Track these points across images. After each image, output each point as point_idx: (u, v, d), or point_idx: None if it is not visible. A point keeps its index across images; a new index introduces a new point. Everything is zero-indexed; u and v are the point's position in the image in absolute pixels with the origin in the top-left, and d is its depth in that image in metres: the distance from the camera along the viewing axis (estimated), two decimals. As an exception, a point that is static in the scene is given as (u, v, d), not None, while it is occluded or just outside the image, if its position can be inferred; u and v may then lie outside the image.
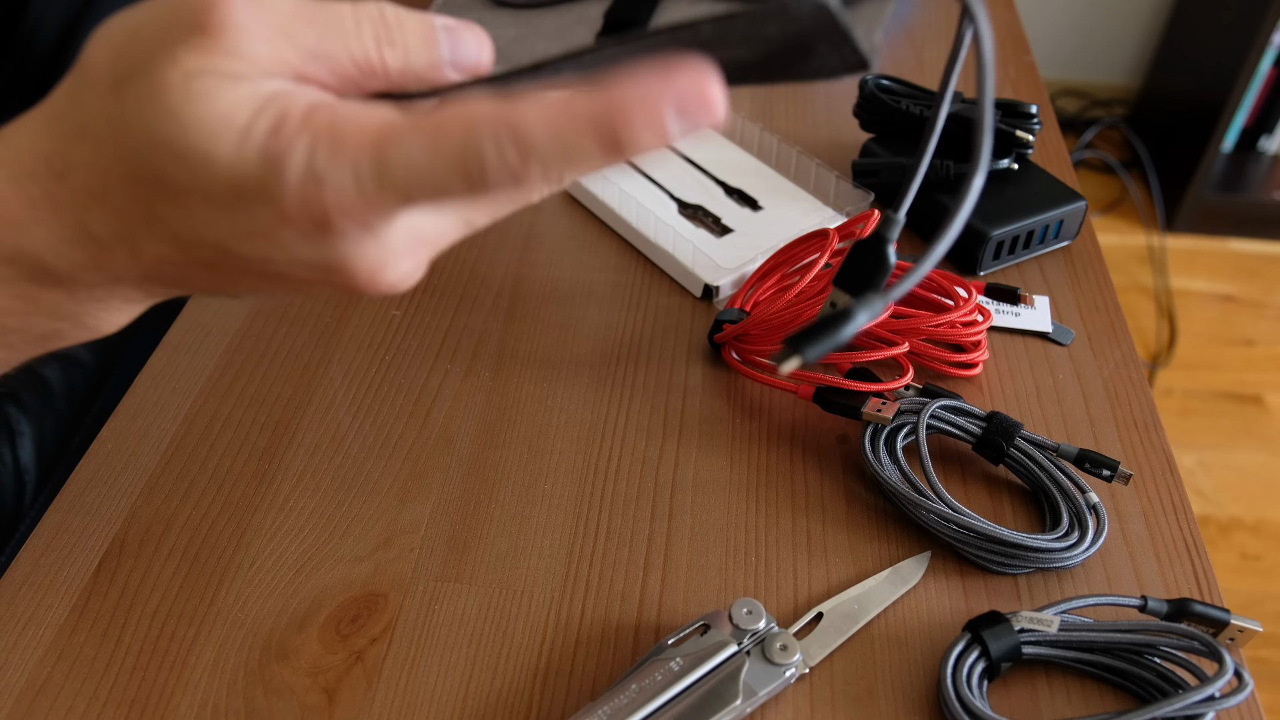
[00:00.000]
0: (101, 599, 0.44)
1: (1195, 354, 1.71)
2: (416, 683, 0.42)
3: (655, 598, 0.45)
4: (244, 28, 0.26)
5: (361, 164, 0.26)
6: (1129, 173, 2.02)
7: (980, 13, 0.28)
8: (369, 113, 0.26)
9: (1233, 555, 1.41)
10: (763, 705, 0.40)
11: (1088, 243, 0.63)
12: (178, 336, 0.57)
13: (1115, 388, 0.54)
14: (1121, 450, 0.51)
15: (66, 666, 0.42)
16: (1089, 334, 0.57)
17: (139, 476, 0.49)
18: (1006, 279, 0.61)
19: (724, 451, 0.51)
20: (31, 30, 0.68)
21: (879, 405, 0.48)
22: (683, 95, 0.24)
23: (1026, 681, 0.42)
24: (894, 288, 0.30)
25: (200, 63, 0.26)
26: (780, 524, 0.48)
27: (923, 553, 0.46)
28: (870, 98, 0.66)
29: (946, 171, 0.61)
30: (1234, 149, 1.96)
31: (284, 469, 0.50)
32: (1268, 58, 1.80)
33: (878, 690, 0.42)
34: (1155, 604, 0.42)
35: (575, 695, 0.41)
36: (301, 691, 0.41)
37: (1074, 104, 2.15)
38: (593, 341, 0.57)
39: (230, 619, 0.44)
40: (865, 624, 0.43)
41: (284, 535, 0.47)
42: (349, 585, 0.45)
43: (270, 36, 0.26)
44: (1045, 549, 0.44)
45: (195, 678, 0.42)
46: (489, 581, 0.45)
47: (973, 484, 0.49)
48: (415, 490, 0.49)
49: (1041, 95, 0.77)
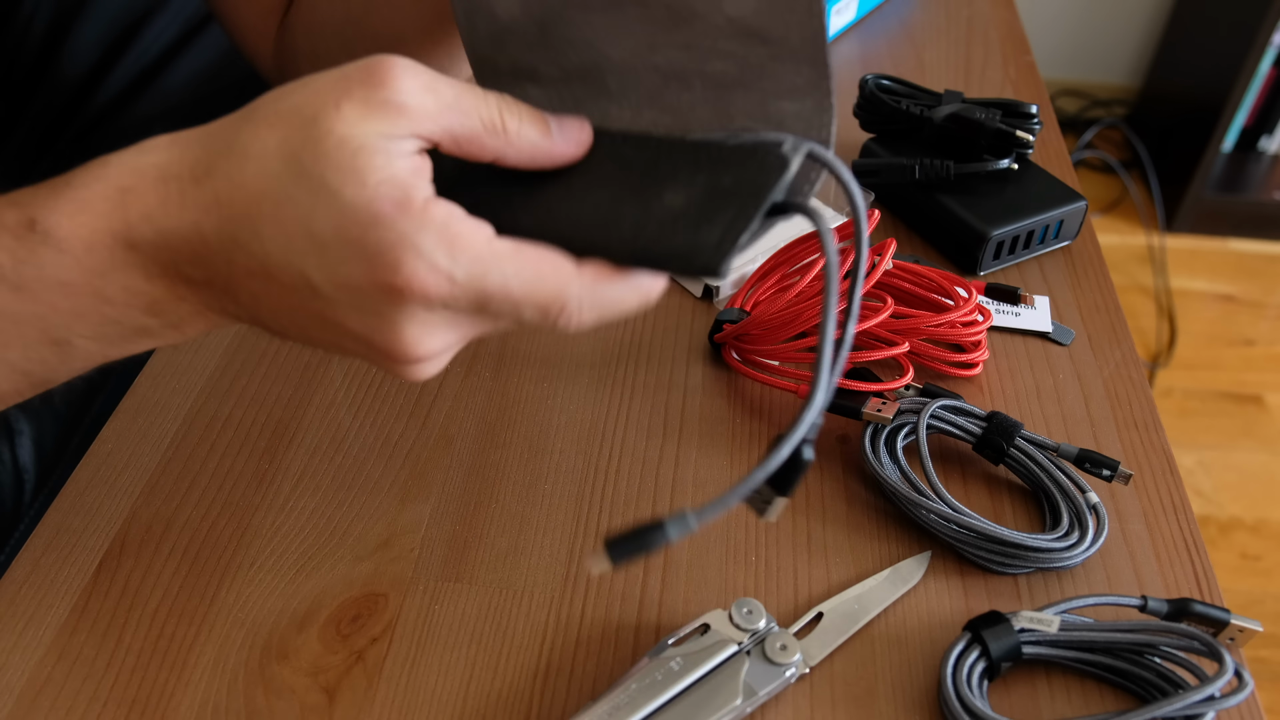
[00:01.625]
0: (102, 599, 0.44)
1: (1195, 354, 1.71)
2: (417, 682, 0.42)
3: (655, 597, 0.45)
4: (403, 80, 0.31)
5: (465, 263, 0.31)
6: (1129, 173, 2.02)
7: (824, 221, 0.33)
8: (478, 225, 0.32)
9: (1233, 555, 1.41)
10: (763, 705, 0.40)
11: (1088, 243, 0.63)
12: (178, 336, 0.57)
13: (1115, 388, 0.54)
14: (1121, 450, 0.51)
15: (67, 666, 0.42)
16: (1089, 334, 0.57)
17: (139, 476, 0.49)
18: (1007, 279, 0.61)
19: (724, 451, 0.51)
20: (25, 23, 0.68)
21: (879, 405, 0.48)
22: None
23: (1027, 681, 0.42)
24: (706, 510, 0.32)
25: (360, 118, 0.30)
26: (780, 524, 0.48)
27: (923, 553, 0.46)
28: (870, 98, 0.66)
29: (947, 172, 0.61)
30: (1234, 149, 1.96)
31: (284, 469, 0.50)
32: (1268, 58, 1.80)
33: (878, 690, 0.42)
34: (1155, 604, 0.42)
35: (575, 695, 0.41)
36: (302, 691, 0.41)
37: (1074, 104, 2.15)
38: (593, 341, 0.57)
39: (231, 619, 0.44)
40: (865, 624, 0.43)
41: (284, 535, 0.47)
42: (349, 585, 0.45)
43: (422, 90, 0.31)
44: (1045, 549, 0.44)
45: (196, 677, 0.42)
46: (489, 581, 0.45)
47: (973, 484, 0.49)
48: (415, 490, 0.49)
49: (1041, 95, 0.77)
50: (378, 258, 0.30)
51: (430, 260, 0.30)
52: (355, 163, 0.30)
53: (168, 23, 0.73)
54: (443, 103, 0.32)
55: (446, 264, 0.30)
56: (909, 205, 0.64)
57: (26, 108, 0.69)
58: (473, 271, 0.31)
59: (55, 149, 0.70)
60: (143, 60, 0.73)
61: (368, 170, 0.30)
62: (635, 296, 0.33)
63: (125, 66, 0.72)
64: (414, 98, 0.31)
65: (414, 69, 0.32)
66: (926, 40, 0.84)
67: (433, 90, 0.32)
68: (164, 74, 0.73)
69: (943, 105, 0.64)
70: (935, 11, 0.88)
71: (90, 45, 0.71)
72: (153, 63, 0.73)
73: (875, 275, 0.51)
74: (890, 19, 0.87)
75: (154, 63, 0.73)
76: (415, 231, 0.30)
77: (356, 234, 0.30)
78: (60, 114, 0.70)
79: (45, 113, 0.70)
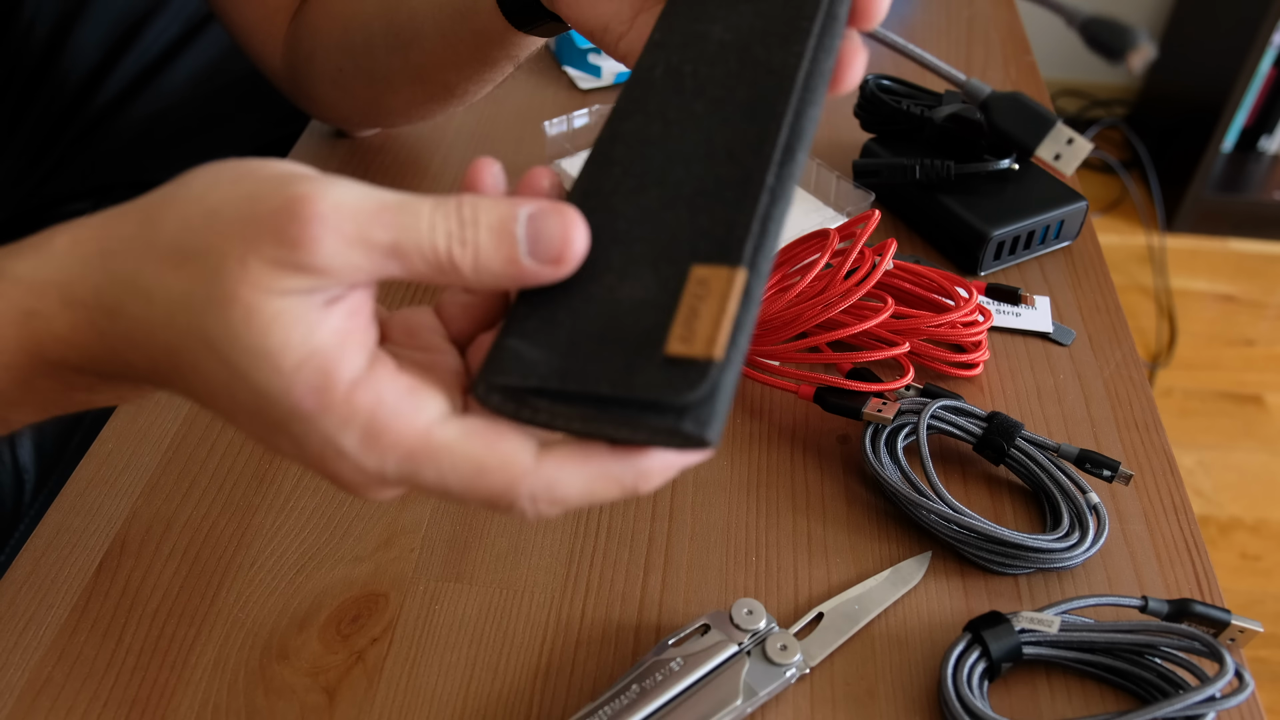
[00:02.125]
0: (102, 599, 0.44)
1: (1195, 354, 1.70)
2: (417, 682, 0.42)
3: (656, 598, 0.45)
4: (321, 241, 0.26)
5: (395, 461, 0.27)
6: (1129, 173, 2.02)
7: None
8: (414, 412, 0.27)
9: (1233, 555, 1.41)
10: (763, 705, 0.40)
11: (1088, 243, 0.63)
12: (178, 336, 0.57)
13: (1116, 388, 0.54)
14: (1122, 450, 0.51)
15: (67, 666, 0.42)
16: (1090, 334, 0.57)
17: (139, 476, 0.49)
18: (1007, 279, 0.61)
19: (724, 452, 0.51)
20: (27, 24, 0.68)
21: (880, 405, 0.48)
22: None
23: (1027, 682, 0.42)
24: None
25: (269, 280, 0.26)
26: (781, 524, 0.48)
27: (923, 553, 0.46)
28: (871, 98, 0.66)
29: (947, 172, 0.61)
30: (1234, 149, 1.96)
31: (284, 469, 0.50)
32: (1268, 58, 1.80)
33: (878, 690, 0.42)
34: (1156, 604, 0.42)
35: (576, 695, 0.41)
36: (302, 691, 0.41)
37: (1074, 104, 2.15)
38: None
39: (231, 619, 0.44)
40: (866, 624, 0.43)
41: (285, 535, 0.47)
42: (350, 585, 0.45)
43: (346, 247, 0.26)
44: (1046, 549, 0.44)
45: (196, 678, 0.42)
46: (489, 581, 0.45)
47: (973, 484, 0.49)
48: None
49: (1042, 95, 0.77)
50: (304, 447, 0.27)
51: (355, 463, 0.27)
52: (267, 344, 0.26)
53: (168, 22, 0.73)
54: (375, 253, 0.27)
55: (375, 465, 0.27)
56: (909, 205, 0.64)
57: (28, 108, 0.69)
58: (404, 470, 0.27)
59: (57, 149, 0.71)
60: (144, 60, 0.73)
61: (282, 353, 0.26)
62: (610, 487, 0.28)
63: (126, 66, 0.72)
64: (337, 258, 0.26)
65: (337, 216, 0.26)
66: (927, 40, 0.84)
67: (362, 241, 0.26)
68: (165, 73, 0.73)
69: (943, 105, 0.64)
70: (935, 11, 0.88)
71: (91, 45, 0.71)
72: (153, 62, 0.73)
73: (876, 275, 0.50)
74: (890, 19, 0.87)
75: (155, 62, 0.73)
76: (337, 431, 0.27)
77: (279, 419, 0.27)
78: (62, 114, 0.70)
79: (47, 113, 0.70)
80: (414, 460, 0.27)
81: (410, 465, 0.27)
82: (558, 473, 0.27)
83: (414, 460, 0.27)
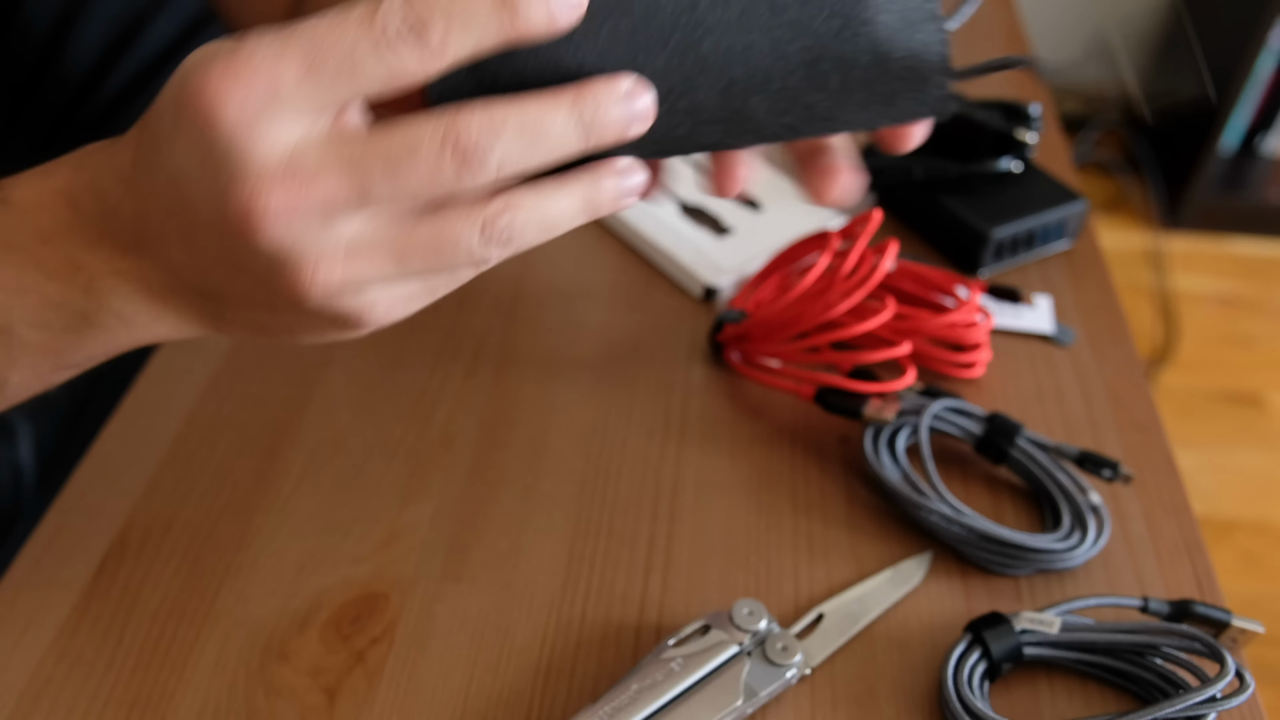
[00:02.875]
0: (102, 599, 0.44)
1: (1195, 354, 1.70)
2: (417, 683, 0.42)
3: (656, 598, 0.45)
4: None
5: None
6: (1129, 173, 2.02)
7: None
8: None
9: (1233, 555, 1.41)
10: (764, 706, 0.40)
11: (1089, 243, 0.63)
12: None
13: (1116, 388, 0.54)
14: (1122, 451, 0.51)
15: (67, 667, 0.42)
16: (1090, 335, 0.57)
17: (140, 477, 0.49)
18: (1008, 279, 0.61)
19: (725, 452, 0.51)
20: (27, 23, 0.68)
21: (880, 406, 0.48)
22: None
23: (1028, 682, 0.42)
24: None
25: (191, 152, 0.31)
26: (781, 524, 0.47)
27: (924, 553, 0.46)
28: (871, 98, 0.66)
29: (948, 172, 0.61)
30: (1235, 149, 1.96)
31: (285, 469, 0.50)
32: (1268, 58, 1.80)
33: (879, 691, 0.41)
34: (1156, 605, 0.42)
35: (576, 696, 0.41)
36: (302, 692, 0.41)
37: (1074, 104, 2.15)
38: (593, 342, 0.56)
39: (231, 619, 0.44)
40: (866, 625, 0.43)
41: (285, 535, 0.47)
42: (350, 586, 0.45)
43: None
44: (1046, 549, 0.44)
45: (196, 678, 0.42)
46: (490, 582, 0.45)
47: (974, 484, 0.49)
48: (416, 491, 0.49)
49: (1042, 95, 0.77)
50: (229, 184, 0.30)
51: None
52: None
53: (169, 21, 0.73)
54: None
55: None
56: (910, 206, 0.64)
57: (28, 108, 0.69)
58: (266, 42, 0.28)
59: (58, 149, 0.70)
60: (144, 59, 0.73)
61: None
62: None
63: (126, 65, 0.72)
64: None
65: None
66: (927, 40, 0.84)
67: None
68: (165, 73, 0.73)
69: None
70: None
71: (92, 44, 0.71)
72: (154, 61, 0.73)
73: (877, 276, 0.50)
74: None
75: (155, 61, 0.73)
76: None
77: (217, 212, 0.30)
78: (62, 113, 0.70)
79: (47, 112, 0.70)
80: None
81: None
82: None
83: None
